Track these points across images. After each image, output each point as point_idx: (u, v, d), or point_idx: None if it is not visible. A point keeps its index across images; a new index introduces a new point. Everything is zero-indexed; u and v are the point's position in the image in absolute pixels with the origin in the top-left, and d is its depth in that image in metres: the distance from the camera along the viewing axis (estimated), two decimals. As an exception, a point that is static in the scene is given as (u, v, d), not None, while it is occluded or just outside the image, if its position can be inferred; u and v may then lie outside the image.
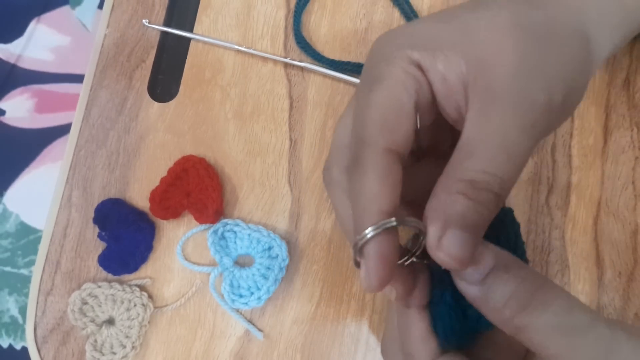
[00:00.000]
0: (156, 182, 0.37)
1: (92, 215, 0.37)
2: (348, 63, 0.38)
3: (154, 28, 0.40)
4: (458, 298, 0.24)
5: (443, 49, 0.24)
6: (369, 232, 0.22)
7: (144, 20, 0.40)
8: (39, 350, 0.36)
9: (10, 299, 0.41)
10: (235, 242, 0.36)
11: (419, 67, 0.24)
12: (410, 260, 0.25)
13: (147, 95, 0.39)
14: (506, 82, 0.23)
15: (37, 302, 0.37)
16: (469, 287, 0.23)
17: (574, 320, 0.21)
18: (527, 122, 0.23)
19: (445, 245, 0.22)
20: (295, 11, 0.39)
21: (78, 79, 0.43)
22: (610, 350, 0.21)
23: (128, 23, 0.41)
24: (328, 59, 0.38)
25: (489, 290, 0.22)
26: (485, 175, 0.22)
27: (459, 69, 0.24)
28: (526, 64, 0.23)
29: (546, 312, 0.21)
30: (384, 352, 0.29)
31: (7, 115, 0.43)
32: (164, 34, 0.41)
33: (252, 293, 0.35)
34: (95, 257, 0.37)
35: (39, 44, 0.45)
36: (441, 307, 0.24)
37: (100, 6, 0.45)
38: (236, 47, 0.39)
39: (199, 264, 0.37)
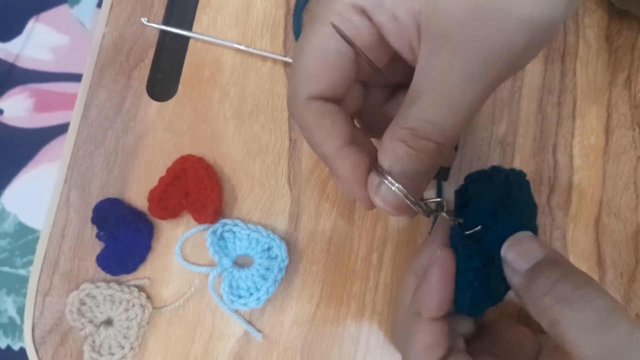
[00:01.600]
0: (155, 182, 0.36)
1: (91, 215, 0.37)
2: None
3: (152, 27, 0.40)
4: (483, 266, 0.25)
5: None
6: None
7: (142, 19, 0.40)
8: (37, 351, 0.36)
9: (8, 300, 0.40)
10: (234, 243, 0.36)
11: (362, 11, 0.24)
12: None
13: (146, 95, 0.39)
14: (459, 23, 0.21)
15: (35, 303, 0.37)
16: (514, 274, 0.24)
17: (613, 323, 0.21)
18: (477, 68, 0.22)
19: (382, 191, 0.23)
20: (295, 10, 0.39)
21: (76, 78, 0.43)
22: None
23: (127, 22, 0.40)
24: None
25: (532, 278, 0.23)
26: (425, 124, 0.22)
27: (410, 6, 0.22)
28: (484, 3, 0.21)
29: (585, 309, 0.21)
30: (395, 334, 0.29)
31: (5, 114, 0.43)
32: (162, 33, 0.41)
33: (251, 294, 0.34)
34: (94, 258, 0.36)
35: (38, 43, 0.44)
36: (469, 274, 0.25)
37: (99, 5, 0.45)
38: (235, 46, 0.39)
39: (197, 265, 0.36)
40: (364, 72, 0.26)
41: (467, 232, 0.26)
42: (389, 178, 0.23)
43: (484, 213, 0.26)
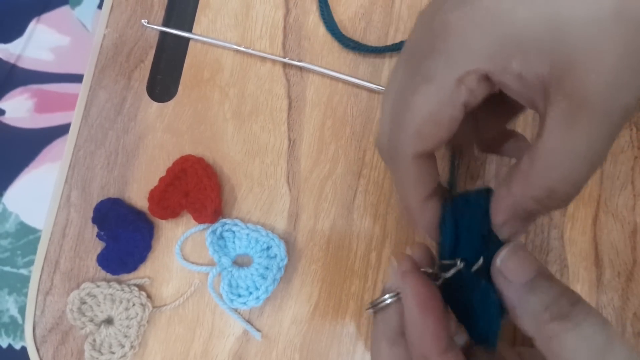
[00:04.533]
0: (155, 182, 0.37)
1: (91, 215, 0.37)
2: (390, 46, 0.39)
3: (152, 28, 0.40)
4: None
5: (522, 46, 0.21)
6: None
7: (143, 21, 0.40)
8: (38, 350, 0.36)
9: (9, 299, 0.41)
10: (233, 242, 0.36)
11: (485, 77, 0.23)
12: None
13: (146, 95, 0.39)
14: (599, 89, 0.20)
15: (36, 302, 0.37)
16: (509, 286, 0.24)
17: (606, 338, 0.22)
18: (615, 130, 0.21)
19: (505, 231, 0.25)
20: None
21: (77, 78, 0.43)
22: None
23: (127, 23, 0.41)
24: (369, 46, 0.39)
25: (531, 292, 0.23)
26: (565, 186, 0.22)
27: (540, 70, 0.21)
28: (625, 69, 0.20)
29: (582, 325, 0.22)
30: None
31: (6, 115, 0.43)
32: (162, 34, 0.41)
33: (250, 293, 0.35)
34: (94, 257, 0.37)
35: (39, 43, 0.45)
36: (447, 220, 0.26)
37: (100, 6, 0.45)
38: (235, 47, 0.39)
39: (197, 264, 0.37)
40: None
41: (473, 269, 0.25)
42: None
43: (476, 243, 0.26)
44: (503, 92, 0.24)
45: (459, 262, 0.25)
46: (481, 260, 0.25)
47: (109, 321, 0.36)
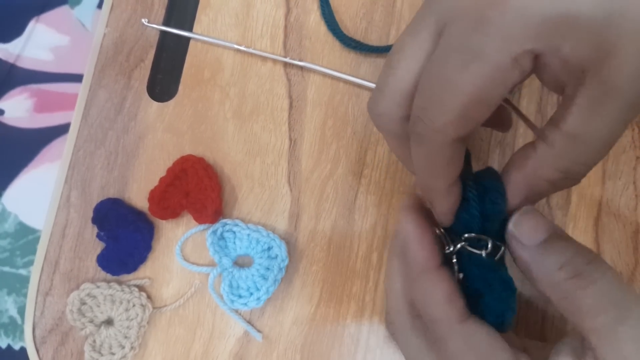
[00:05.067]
0: (155, 182, 0.37)
1: (91, 215, 0.37)
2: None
3: (153, 27, 0.40)
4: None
5: (577, 26, 0.20)
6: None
7: (143, 20, 0.40)
8: (37, 351, 0.36)
9: (9, 299, 0.40)
10: (234, 243, 0.36)
11: (536, 56, 0.21)
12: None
13: (146, 95, 0.39)
14: (631, 78, 0.20)
15: (36, 303, 0.37)
16: (523, 249, 0.24)
17: (623, 294, 0.22)
18: (634, 116, 0.22)
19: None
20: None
21: (77, 78, 0.43)
22: None
23: (127, 22, 0.40)
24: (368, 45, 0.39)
25: (545, 253, 0.24)
26: (581, 167, 0.23)
27: (585, 54, 0.21)
28: None
29: (599, 282, 0.22)
30: (390, 324, 0.29)
31: (5, 115, 0.43)
32: (163, 34, 0.41)
33: (251, 293, 0.34)
34: (94, 257, 0.36)
35: (38, 43, 0.44)
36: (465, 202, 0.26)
37: (100, 6, 0.45)
38: (235, 46, 0.39)
39: (198, 265, 0.36)
40: None
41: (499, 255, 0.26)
42: None
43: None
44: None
45: (489, 243, 0.26)
46: (502, 249, 0.26)
47: (109, 322, 0.36)
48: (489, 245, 0.25)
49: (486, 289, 0.25)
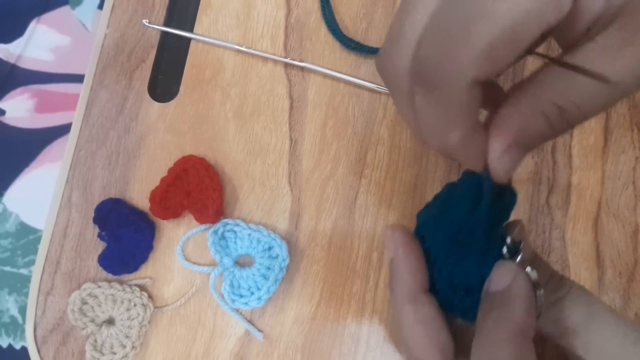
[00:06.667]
0: (156, 182, 0.37)
1: (92, 215, 0.37)
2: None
3: (154, 28, 0.40)
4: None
5: None
6: None
7: (144, 20, 0.40)
8: (38, 350, 0.36)
9: (10, 299, 0.40)
10: (235, 242, 0.36)
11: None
12: None
13: (147, 95, 0.39)
14: None
15: (37, 302, 0.37)
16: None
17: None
18: None
19: (505, 161, 0.23)
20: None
21: (78, 79, 0.43)
22: None
23: (128, 23, 0.41)
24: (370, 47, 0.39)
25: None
26: (576, 109, 0.21)
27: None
28: None
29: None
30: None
31: (7, 115, 0.43)
32: (164, 34, 0.41)
33: (252, 293, 0.34)
34: (95, 257, 0.37)
35: (39, 44, 0.45)
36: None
37: (100, 6, 0.45)
38: (236, 47, 0.39)
39: (199, 264, 0.36)
40: None
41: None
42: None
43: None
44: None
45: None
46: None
47: (110, 322, 0.36)
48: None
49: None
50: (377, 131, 0.38)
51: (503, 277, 0.23)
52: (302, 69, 0.39)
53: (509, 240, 0.24)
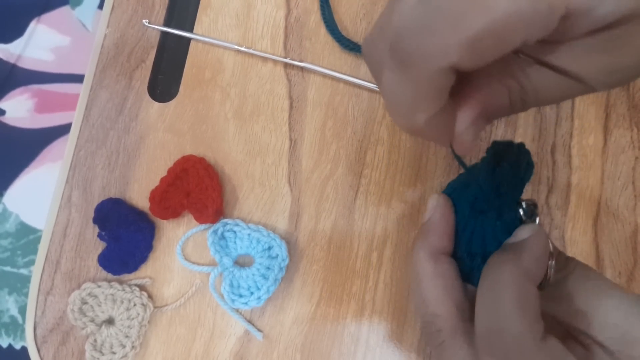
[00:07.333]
0: (156, 182, 0.37)
1: (92, 215, 0.37)
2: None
3: (154, 28, 0.40)
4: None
5: None
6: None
7: (144, 21, 0.40)
8: (38, 350, 0.36)
9: (10, 299, 0.41)
10: (235, 242, 0.36)
11: (566, 14, 0.19)
12: None
13: (147, 95, 0.39)
14: None
15: (37, 302, 0.37)
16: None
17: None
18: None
19: (470, 132, 0.24)
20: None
21: (78, 79, 0.43)
22: None
23: (128, 23, 0.41)
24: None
25: None
26: (534, 94, 0.23)
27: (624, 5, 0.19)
28: None
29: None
30: (437, 331, 0.27)
31: (7, 115, 0.43)
32: (164, 34, 0.41)
33: (251, 293, 0.35)
34: (95, 257, 0.37)
35: (39, 44, 0.45)
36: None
37: (101, 6, 0.45)
38: (236, 47, 0.39)
39: (198, 264, 0.37)
40: None
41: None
42: None
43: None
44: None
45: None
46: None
47: (110, 321, 0.36)
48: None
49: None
50: (376, 131, 0.38)
51: (523, 231, 0.24)
52: (301, 69, 0.39)
53: (524, 204, 0.25)
